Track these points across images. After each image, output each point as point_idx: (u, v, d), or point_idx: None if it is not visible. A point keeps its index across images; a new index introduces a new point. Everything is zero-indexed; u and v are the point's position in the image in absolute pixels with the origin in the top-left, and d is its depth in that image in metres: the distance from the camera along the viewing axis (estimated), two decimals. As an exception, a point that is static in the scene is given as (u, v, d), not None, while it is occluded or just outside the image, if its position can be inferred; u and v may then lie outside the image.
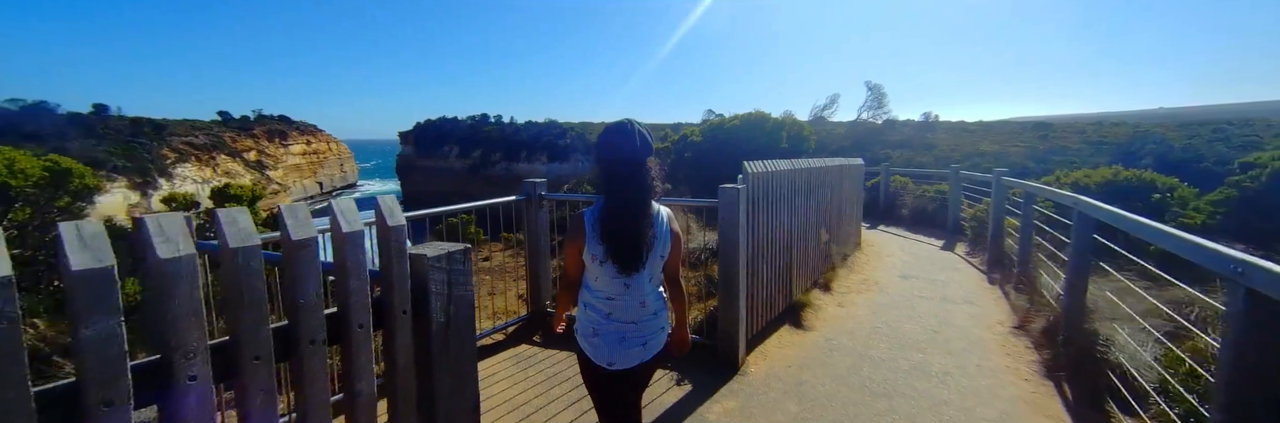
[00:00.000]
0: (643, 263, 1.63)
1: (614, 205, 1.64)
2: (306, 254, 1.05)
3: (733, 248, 3.22)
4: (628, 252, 1.61)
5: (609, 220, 1.63)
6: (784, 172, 4.00)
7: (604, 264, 1.63)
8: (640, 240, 1.62)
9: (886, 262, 6.22)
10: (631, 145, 1.63)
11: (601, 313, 1.69)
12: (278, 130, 50.89)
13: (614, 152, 1.65)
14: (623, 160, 1.65)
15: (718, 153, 9.43)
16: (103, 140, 30.79)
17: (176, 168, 34.18)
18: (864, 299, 4.70)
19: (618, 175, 1.65)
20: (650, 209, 1.69)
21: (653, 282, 1.72)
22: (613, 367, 1.69)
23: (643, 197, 1.65)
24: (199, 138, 37.71)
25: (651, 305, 1.71)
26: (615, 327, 1.68)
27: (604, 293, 1.68)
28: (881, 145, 29.52)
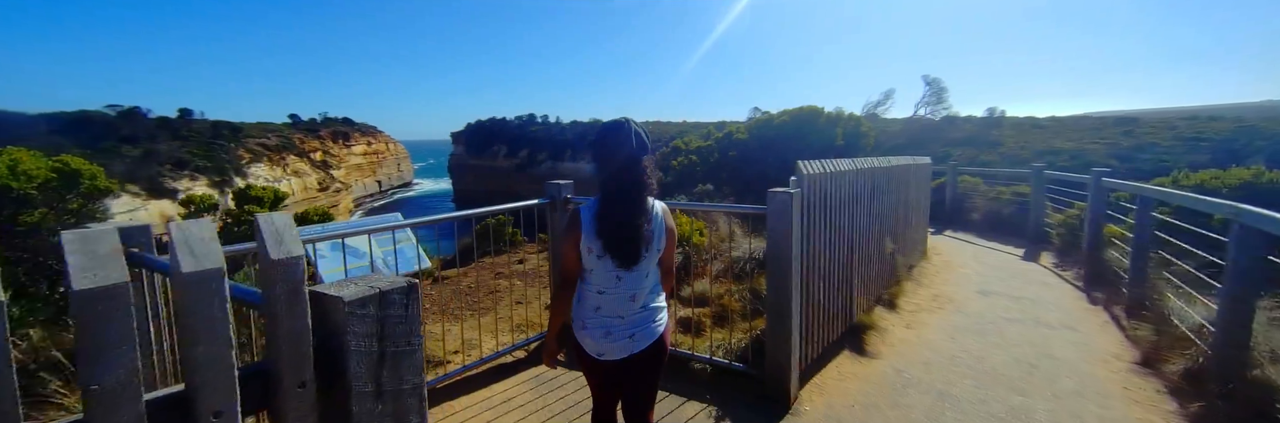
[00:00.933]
0: (640, 259, 1.65)
1: (612, 202, 1.65)
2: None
3: (783, 263, 2.68)
4: (626, 247, 1.63)
5: (607, 217, 1.64)
6: (845, 173, 3.41)
7: (602, 259, 1.65)
8: (638, 236, 1.64)
9: (959, 274, 5.44)
10: (628, 144, 1.65)
11: (591, 306, 1.71)
12: (341, 132, 53.56)
13: (612, 150, 1.67)
14: (620, 158, 1.65)
15: (765, 152, 8.78)
16: (187, 142, 33.13)
17: (251, 167, 36.36)
18: (938, 320, 4.03)
19: (615, 173, 1.66)
20: (647, 206, 1.69)
21: (649, 278, 1.73)
22: (603, 358, 1.71)
23: (640, 194, 1.67)
24: (271, 139, 40.08)
25: (641, 300, 1.72)
26: (602, 321, 1.70)
27: (596, 286, 1.70)
28: (940, 143, 27.63)
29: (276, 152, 39.27)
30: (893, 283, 4.56)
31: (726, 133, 9.79)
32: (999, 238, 7.43)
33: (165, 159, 30.36)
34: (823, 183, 3.09)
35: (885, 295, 4.28)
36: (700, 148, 10.29)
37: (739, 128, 9.78)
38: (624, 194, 1.65)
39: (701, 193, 8.04)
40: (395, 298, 0.95)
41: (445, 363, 3.21)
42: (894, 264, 4.63)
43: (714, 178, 9.14)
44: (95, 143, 28.06)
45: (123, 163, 28.28)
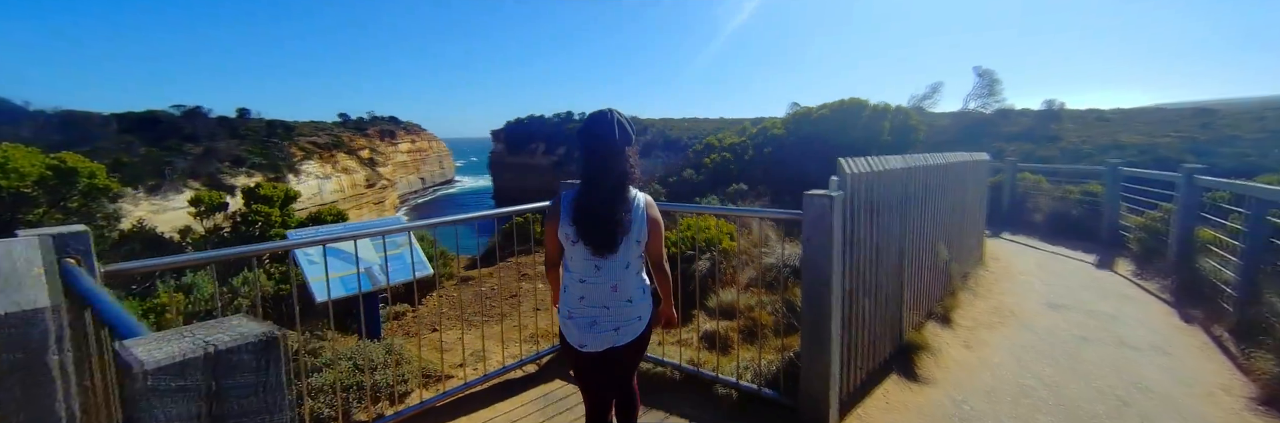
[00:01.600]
0: (616, 246, 1.64)
1: (590, 189, 1.66)
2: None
3: (822, 277, 2.29)
4: (600, 234, 1.63)
5: (584, 203, 1.65)
6: (895, 171, 2.96)
7: (576, 244, 1.66)
8: (613, 223, 1.63)
9: (1021, 283, 4.85)
10: (610, 133, 1.66)
11: (574, 296, 1.71)
12: (387, 130, 55.28)
13: (594, 139, 1.68)
14: (602, 147, 1.66)
15: (803, 148, 8.25)
16: (244, 140, 34.80)
17: (303, 164, 37.92)
18: (1000, 338, 3.52)
19: (597, 161, 1.66)
20: (627, 194, 1.69)
21: (630, 268, 1.71)
22: (584, 349, 1.70)
23: (620, 182, 1.67)
24: (321, 138, 41.70)
25: (625, 292, 1.70)
26: (587, 310, 1.69)
27: (578, 275, 1.70)
28: (993, 138, 25.94)
29: (327, 149, 40.84)
30: (946, 294, 4.06)
31: (762, 128, 9.29)
32: (1066, 242, 6.69)
33: (224, 156, 31.97)
34: (869, 183, 2.66)
35: (938, 309, 3.79)
36: (734, 145, 9.82)
37: (775, 123, 9.25)
38: (604, 182, 1.65)
39: (734, 193, 7.61)
40: (241, 360, 0.65)
41: (447, 378, 2.97)
42: (948, 273, 4.12)
43: (748, 176, 8.67)
44: (161, 141, 29.78)
45: (186, 160, 29.94)
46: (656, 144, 52.50)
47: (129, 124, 29.36)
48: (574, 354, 1.74)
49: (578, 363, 1.78)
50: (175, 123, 30.72)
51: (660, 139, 52.53)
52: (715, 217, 5.11)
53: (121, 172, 26.06)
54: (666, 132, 54.13)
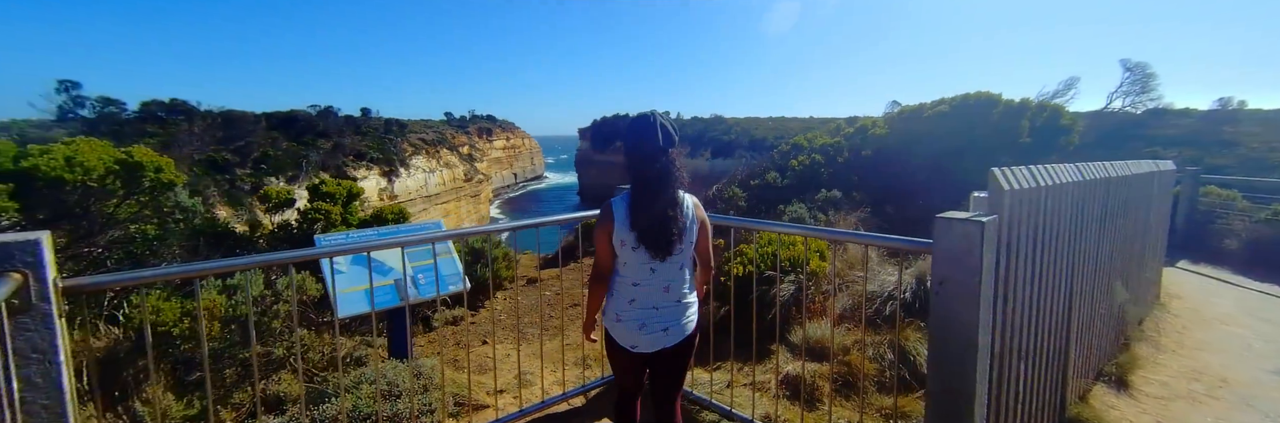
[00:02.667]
0: (674, 248, 1.65)
1: (643, 194, 1.66)
2: None
3: (963, 335, 1.60)
4: (660, 238, 1.63)
5: (641, 208, 1.64)
6: (1069, 186, 2.15)
7: (635, 250, 1.64)
8: (672, 227, 1.63)
9: (1224, 334, 3.63)
10: (654, 137, 1.65)
11: (624, 299, 1.70)
12: (485, 128, 58.66)
13: (639, 144, 1.67)
14: (647, 151, 1.65)
15: (910, 150, 7.12)
16: (365, 137, 38.38)
17: (412, 159, 41.15)
18: (1209, 418, 2.51)
19: (644, 166, 1.66)
20: (678, 197, 1.69)
21: (683, 269, 1.73)
22: (635, 349, 1.70)
23: (669, 186, 1.66)
24: (428, 135, 45.05)
25: (675, 292, 1.71)
26: (637, 313, 1.68)
27: (630, 278, 1.69)
28: (1142, 142, 21.84)
29: (432, 145, 44.04)
30: (1120, 347, 3.05)
31: (860, 127, 8.21)
32: (1275, 277, 5.10)
33: (349, 151, 35.41)
34: (1033, 202, 1.90)
35: (1110, 368, 2.82)
36: (826, 146, 8.82)
37: (875, 122, 8.13)
38: (654, 186, 1.64)
39: (825, 201, 6.71)
40: None
41: (482, 409, 2.59)
42: (1123, 318, 3.10)
43: (841, 181, 7.68)
44: (299, 137, 33.55)
45: (318, 153, 33.49)
46: (740, 144, 50.89)
47: (275, 122, 33.31)
48: (624, 356, 1.74)
49: (625, 364, 1.79)
50: (310, 121, 34.46)
51: (744, 139, 50.85)
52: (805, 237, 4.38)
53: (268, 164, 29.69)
54: (751, 131, 52.37)
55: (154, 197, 3.84)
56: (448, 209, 42.77)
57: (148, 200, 3.81)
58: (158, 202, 3.95)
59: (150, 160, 3.84)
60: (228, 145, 30.21)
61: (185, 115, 31.16)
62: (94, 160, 3.48)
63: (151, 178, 3.82)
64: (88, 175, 3.46)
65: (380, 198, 37.89)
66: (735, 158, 50.65)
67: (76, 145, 3.54)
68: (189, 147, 28.13)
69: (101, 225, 3.53)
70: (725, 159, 50.83)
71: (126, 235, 3.95)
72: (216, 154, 28.27)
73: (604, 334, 1.80)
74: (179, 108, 31.54)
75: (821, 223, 6.17)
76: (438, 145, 45.43)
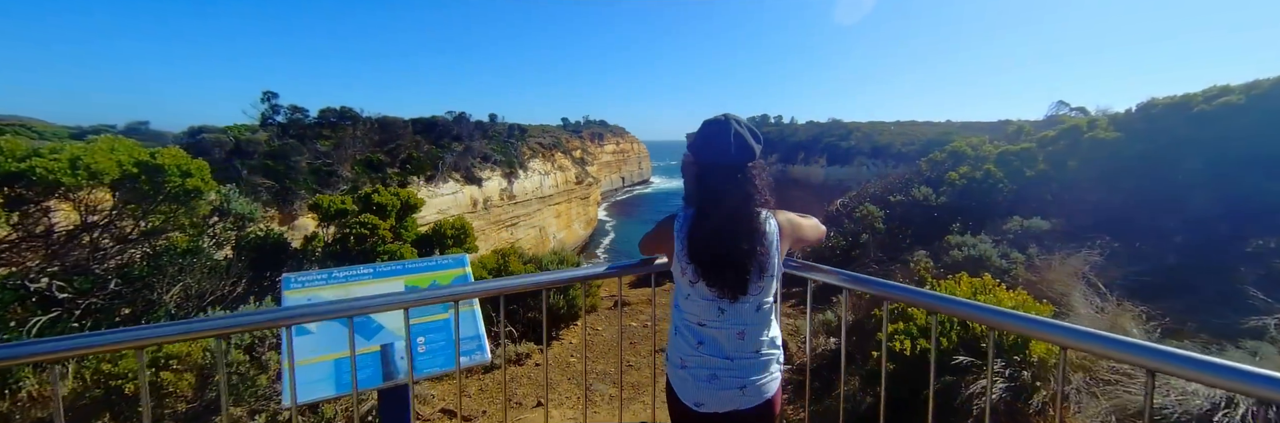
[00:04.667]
0: (747, 287, 1.31)
1: (709, 219, 1.34)
2: None
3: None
4: (728, 276, 1.30)
5: (702, 236, 1.32)
6: None
7: (696, 284, 1.34)
8: (745, 262, 1.30)
9: None
10: (726, 147, 1.33)
11: (690, 341, 1.38)
12: (597, 133, 59.99)
13: (706, 154, 1.37)
14: (718, 166, 1.35)
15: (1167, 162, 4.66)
16: (491, 141, 40.82)
17: (530, 162, 43.04)
18: None
19: (711, 182, 1.36)
20: (757, 222, 1.34)
21: (762, 311, 1.37)
22: (701, 409, 1.36)
23: (745, 208, 1.34)
24: (546, 139, 46.94)
25: (753, 339, 1.35)
26: (705, 360, 1.35)
27: (695, 317, 1.38)
28: None
29: (548, 149, 45.81)
30: None
31: (1065, 130, 5.78)
32: None
33: (477, 154, 37.80)
34: None
35: None
36: (1007, 155, 6.45)
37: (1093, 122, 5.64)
38: (724, 208, 1.33)
39: (1021, 231, 4.57)
40: None
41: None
42: None
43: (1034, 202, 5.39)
44: (438, 140, 36.44)
45: (452, 155, 36.09)
46: (860, 150, 46.08)
47: (419, 127, 36.54)
48: (684, 412, 1.38)
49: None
50: (447, 126, 37.32)
51: (865, 145, 45.97)
52: (1028, 291, 2.58)
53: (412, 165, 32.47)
54: (873, 137, 47.29)
55: (179, 207, 3.21)
56: (559, 210, 44.14)
57: (169, 212, 3.19)
58: (190, 209, 3.31)
59: (176, 163, 3.21)
60: (383, 147, 33.54)
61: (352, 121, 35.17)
62: (106, 162, 2.86)
63: (175, 183, 3.19)
64: (96, 179, 2.84)
65: (501, 198, 39.93)
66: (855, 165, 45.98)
67: (95, 144, 2.96)
68: (352, 148, 31.62)
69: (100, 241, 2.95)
70: (842, 167, 46.39)
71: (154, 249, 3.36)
72: (373, 155, 31.53)
73: (666, 385, 1.44)
74: (347, 114, 35.78)
75: (1018, 265, 4.12)
76: (553, 149, 47.16)
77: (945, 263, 4.60)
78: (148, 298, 2.97)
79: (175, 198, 3.26)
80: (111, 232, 3.19)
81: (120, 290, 2.92)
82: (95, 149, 2.93)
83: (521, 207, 39.65)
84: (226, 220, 4.06)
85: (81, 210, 3.02)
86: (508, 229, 37.72)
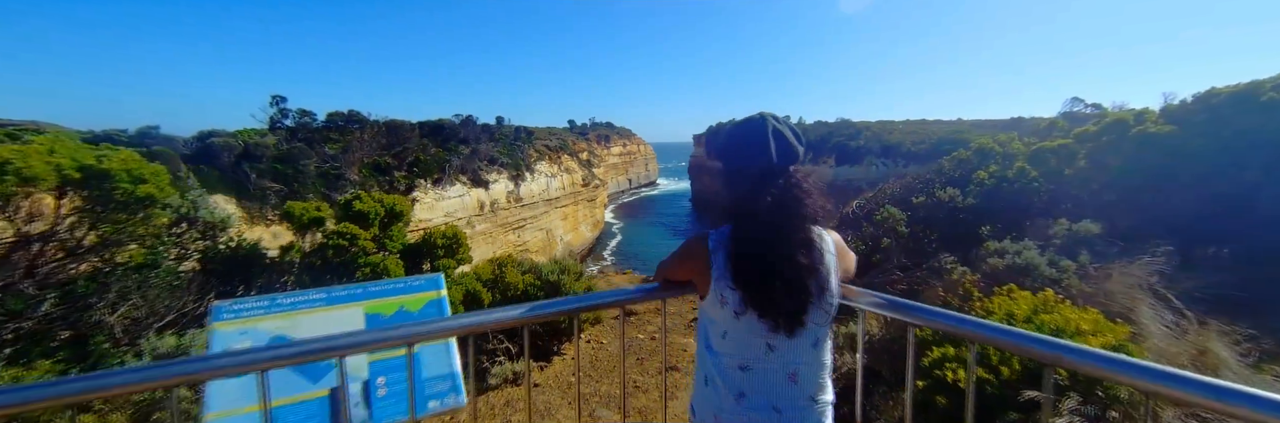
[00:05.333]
0: (806, 317, 1.09)
1: (753, 231, 1.12)
2: None
3: None
4: (783, 299, 1.07)
5: (749, 256, 1.10)
6: None
7: (742, 316, 1.10)
8: (803, 279, 1.08)
9: None
10: (763, 149, 1.16)
11: (729, 391, 1.11)
12: (603, 134, 59.69)
13: (740, 158, 1.21)
14: (757, 171, 1.18)
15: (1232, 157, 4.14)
16: (498, 143, 40.58)
17: (536, 164, 42.79)
18: None
19: (753, 192, 1.16)
20: (811, 236, 1.13)
21: (818, 347, 1.14)
22: None
23: (796, 219, 1.12)
24: (552, 141, 46.68)
25: (808, 383, 1.12)
26: (748, 418, 1.09)
27: (735, 358, 1.12)
28: None
29: (554, 151, 45.54)
30: None
31: (1110, 123, 5.27)
32: None
33: (484, 156, 37.56)
34: None
35: None
36: (1040, 152, 5.94)
37: (1143, 114, 5.12)
38: (771, 223, 1.11)
39: (1069, 237, 4.07)
40: None
41: None
42: None
43: (1077, 204, 4.88)
44: (445, 143, 36.24)
45: (459, 158, 35.87)
46: (870, 150, 45.32)
47: (427, 130, 36.36)
48: None
49: None
50: (454, 128, 37.12)
51: (874, 145, 45.20)
52: (1094, 306, 2.13)
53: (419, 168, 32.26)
54: (882, 136, 46.53)
55: (130, 217, 2.81)
56: (566, 213, 43.86)
57: (120, 223, 2.80)
58: (145, 219, 2.92)
59: (127, 168, 2.81)
60: (390, 150, 33.40)
61: (359, 124, 35.05)
62: (41, 166, 2.47)
63: (125, 191, 2.80)
64: (30, 186, 2.45)
65: (507, 200, 39.71)
66: (864, 165, 45.22)
67: (31, 146, 2.56)
68: (360, 151, 31.49)
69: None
70: (852, 167, 45.68)
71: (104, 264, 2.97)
72: (380, 158, 31.39)
73: None
74: (355, 118, 35.66)
75: (1069, 275, 3.62)
76: (559, 151, 46.88)
77: (983, 272, 4.12)
78: (90, 320, 2.60)
79: (125, 207, 2.89)
80: (54, 245, 2.83)
81: (58, 312, 2.55)
82: (29, 151, 2.55)
83: (528, 209, 39.38)
84: (195, 229, 3.69)
85: (17, 221, 2.66)
86: (514, 232, 37.46)
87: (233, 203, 20.53)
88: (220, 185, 21.14)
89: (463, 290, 3.97)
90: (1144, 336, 2.89)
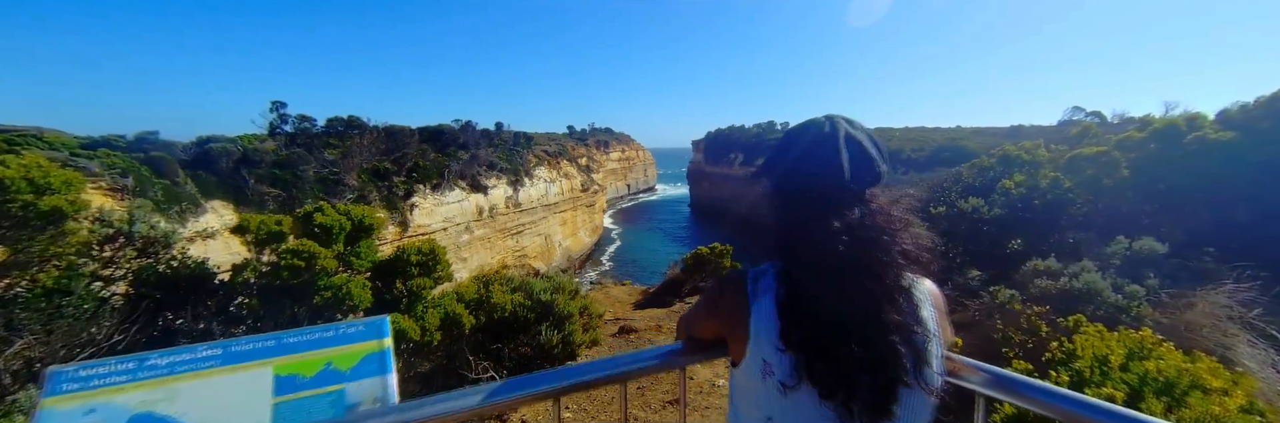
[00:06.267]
0: (895, 403, 0.74)
1: (817, 283, 0.80)
2: None
3: None
4: (863, 381, 0.74)
5: (809, 311, 0.78)
6: None
7: (792, 392, 0.76)
8: (892, 345, 0.75)
9: None
10: (832, 160, 0.85)
11: None
12: (602, 140, 59.28)
13: (800, 175, 0.90)
14: (819, 192, 0.87)
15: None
16: (497, 149, 40.06)
17: (536, 170, 42.31)
18: None
19: (816, 222, 0.84)
20: (903, 284, 0.81)
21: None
22: None
23: (882, 260, 0.80)
24: (551, 147, 46.22)
25: None
26: None
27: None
28: None
29: (553, 157, 45.07)
30: None
31: (1158, 129, 4.74)
32: None
33: (483, 162, 37.04)
34: None
35: None
36: (1076, 160, 5.42)
37: (1197, 120, 4.59)
38: (844, 268, 0.78)
39: (1132, 257, 3.53)
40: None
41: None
42: None
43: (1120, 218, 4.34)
44: (444, 148, 35.70)
45: (458, 163, 35.30)
46: (868, 157, 44.84)
47: (425, 135, 35.85)
48: None
49: None
50: (454, 134, 36.62)
51: (872, 152, 44.75)
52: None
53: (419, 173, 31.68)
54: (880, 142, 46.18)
55: (38, 231, 2.27)
56: (565, 218, 43.29)
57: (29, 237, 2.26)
58: (56, 236, 2.37)
59: (27, 176, 2.26)
60: (389, 156, 32.88)
61: (359, 130, 34.52)
62: None
63: (23, 203, 2.25)
64: None
65: (506, 206, 39.22)
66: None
67: None
68: (360, 157, 30.95)
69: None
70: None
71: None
72: (380, 164, 30.85)
73: None
74: (355, 123, 35.12)
75: (1138, 302, 3.07)
76: (558, 157, 46.42)
77: (1031, 295, 3.58)
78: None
79: (24, 223, 2.35)
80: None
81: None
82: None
83: (527, 214, 38.80)
84: (132, 247, 3.14)
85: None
86: (513, 237, 36.83)
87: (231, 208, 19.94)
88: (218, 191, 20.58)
89: (440, 314, 3.43)
90: (1255, 383, 2.36)
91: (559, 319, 4.37)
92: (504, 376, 4.07)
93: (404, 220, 29.67)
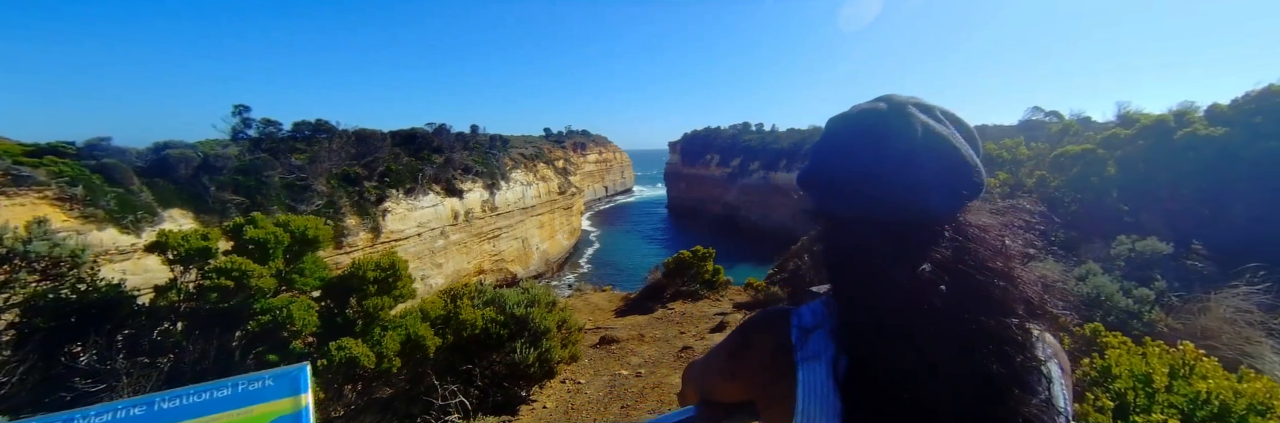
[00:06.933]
0: None
1: (902, 354, 0.54)
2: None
3: None
4: None
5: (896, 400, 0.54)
6: None
7: None
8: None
9: None
10: (907, 176, 0.59)
11: None
12: (579, 142, 58.73)
13: (862, 198, 0.61)
14: (893, 217, 0.60)
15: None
16: (473, 152, 39.10)
17: (512, 173, 41.49)
18: None
19: (888, 261, 0.58)
20: (1018, 336, 0.56)
21: None
22: None
23: (986, 316, 0.55)
24: (528, 149, 45.46)
25: None
26: None
27: None
28: None
29: (530, 160, 44.35)
30: None
31: (1147, 126, 4.64)
32: None
33: (458, 165, 36.08)
34: None
35: None
36: (1061, 158, 5.31)
37: (1186, 116, 4.50)
38: (937, 327, 0.54)
39: (1134, 258, 3.35)
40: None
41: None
42: None
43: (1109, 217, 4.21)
44: (417, 152, 34.60)
45: (432, 167, 34.27)
46: (840, 157, 45.59)
47: (398, 139, 34.71)
48: None
49: None
50: (427, 137, 35.57)
51: (844, 152, 45.53)
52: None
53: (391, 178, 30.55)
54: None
55: None
56: (542, 221, 42.59)
57: None
58: None
59: None
60: (360, 160, 31.67)
61: (327, 134, 33.17)
62: None
63: None
64: None
65: (483, 210, 38.36)
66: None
67: None
68: (329, 162, 29.68)
69: None
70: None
71: None
72: (350, 168, 29.64)
73: None
74: (323, 127, 33.72)
75: (1149, 306, 2.88)
76: (535, 159, 45.70)
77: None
78: None
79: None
80: None
81: None
82: None
83: (504, 218, 37.96)
84: (28, 269, 2.63)
85: None
86: (490, 242, 35.97)
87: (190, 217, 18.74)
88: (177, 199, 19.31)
89: (401, 336, 3.00)
90: None
91: (535, 335, 3.99)
92: (473, 399, 3.67)
93: (376, 226, 28.62)
